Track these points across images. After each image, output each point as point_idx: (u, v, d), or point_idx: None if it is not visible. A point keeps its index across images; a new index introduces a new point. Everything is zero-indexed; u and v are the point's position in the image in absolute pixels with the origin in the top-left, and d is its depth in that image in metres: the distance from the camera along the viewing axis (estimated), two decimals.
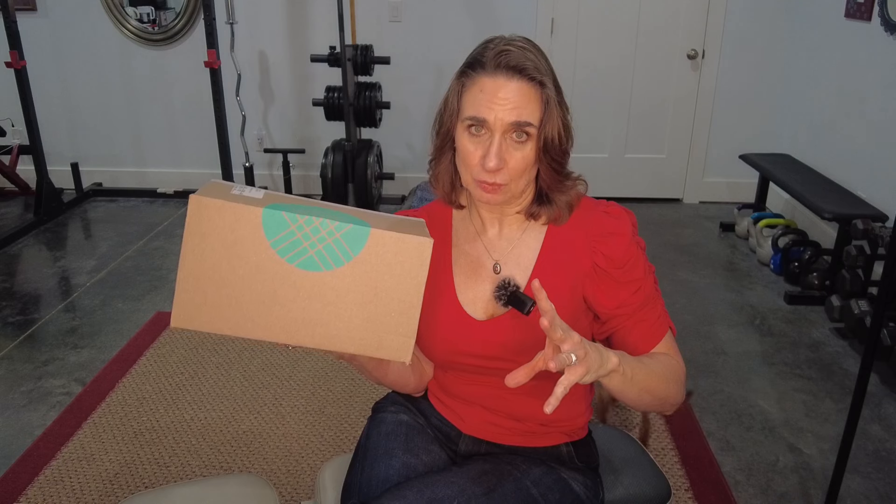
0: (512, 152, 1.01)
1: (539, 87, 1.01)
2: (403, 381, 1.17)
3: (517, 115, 0.99)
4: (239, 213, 0.87)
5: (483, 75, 1.01)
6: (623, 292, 1.07)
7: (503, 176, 1.02)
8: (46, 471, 2.04)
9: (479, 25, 4.10)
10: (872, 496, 1.96)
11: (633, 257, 1.07)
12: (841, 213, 2.98)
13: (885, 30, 3.10)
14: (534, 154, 1.03)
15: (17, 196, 4.57)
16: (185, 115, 4.46)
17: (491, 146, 1.00)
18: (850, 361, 2.65)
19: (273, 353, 2.66)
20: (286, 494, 1.96)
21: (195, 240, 0.87)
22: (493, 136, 1.00)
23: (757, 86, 4.17)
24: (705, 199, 4.45)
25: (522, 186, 1.06)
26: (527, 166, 1.03)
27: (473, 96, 1.01)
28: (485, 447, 1.18)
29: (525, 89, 1.00)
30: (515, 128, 1.00)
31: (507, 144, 1.01)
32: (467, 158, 1.04)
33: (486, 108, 1.00)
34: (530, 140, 1.02)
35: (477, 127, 1.02)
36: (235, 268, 0.88)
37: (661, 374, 1.03)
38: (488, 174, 1.01)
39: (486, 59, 1.01)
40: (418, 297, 0.91)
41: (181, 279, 0.88)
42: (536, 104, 1.01)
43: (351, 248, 0.89)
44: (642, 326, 1.08)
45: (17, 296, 3.19)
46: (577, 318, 1.09)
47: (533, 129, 1.01)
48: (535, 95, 1.01)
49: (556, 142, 1.03)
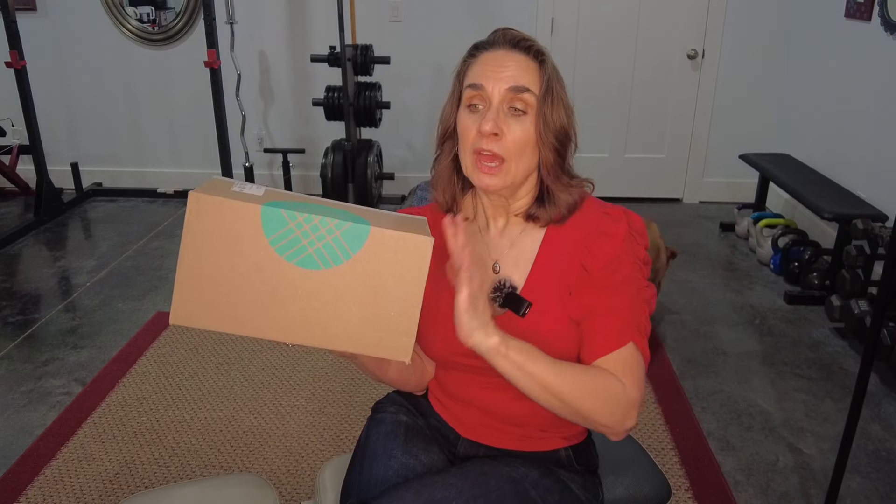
0: (510, 124, 1.02)
1: (539, 63, 1.04)
2: (404, 380, 1.17)
3: (515, 80, 1.01)
4: (238, 210, 0.86)
5: (485, 52, 1.06)
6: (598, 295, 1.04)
7: (501, 147, 1.02)
8: (46, 471, 2.04)
9: (479, 25, 4.10)
10: (872, 496, 1.96)
11: (617, 260, 1.04)
12: (841, 213, 2.98)
13: (885, 30, 3.10)
14: (533, 130, 1.03)
15: (17, 196, 4.57)
16: (185, 115, 4.46)
17: (488, 112, 1.02)
18: (850, 361, 2.65)
19: (273, 353, 2.66)
20: (286, 494, 1.96)
21: (194, 237, 0.87)
22: (490, 104, 1.02)
23: (757, 86, 4.17)
24: (705, 199, 4.45)
25: (522, 169, 1.05)
26: (526, 142, 1.03)
27: (473, 70, 1.06)
28: (483, 450, 1.17)
29: (524, 62, 1.04)
30: (513, 95, 1.02)
31: (506, 115, 1.03)
32: (465, 133, 1.04)
33: (485, 76, 1.03)
34: (529, 115, 1.03)
35: (476, 105, 1.04)
36: (234, 265, 0.88)
37: (576, 381, 0.96)
38: (485, 141, 1.01)
39: (489, 39, 1.07)
40: (418, 296, 0.90)
41: (180, 276, 0.87)
42: (535, 76, 1.03)
43: (350, 247, 0.88)
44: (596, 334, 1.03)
45: (17, 296, 3.19)
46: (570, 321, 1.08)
47: (531, 98, 1.02)
48: (534, 69, 1.04)
49: (556, 122, 1.04)
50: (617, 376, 1.00)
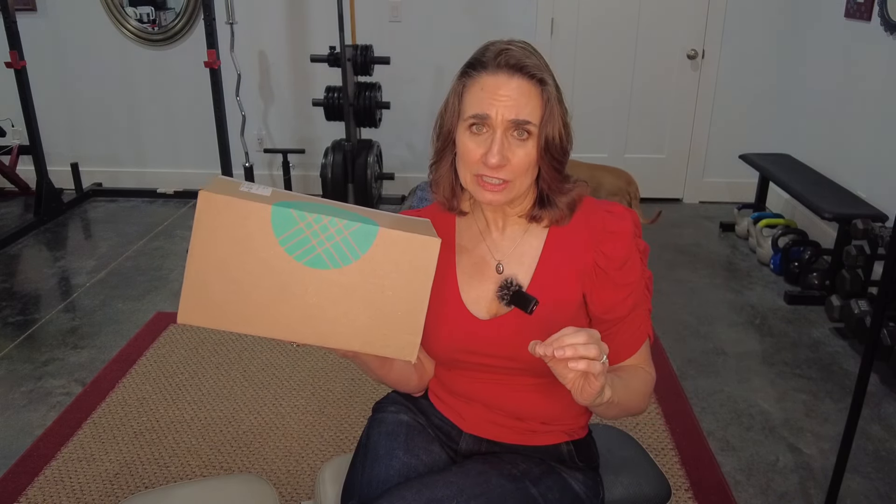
0: (514, 150, 1.02)
1: (539, 85, 1.02)
2: (405, 381, 1.18)
3: (517, 113, 1.00)
4: (248, 209, 0.87)
5: (484, 74, 1.02)
6: (616, 296, 1.08)
7: (506, 173, 1.02)
8: (46, 471, 2.04)
9: (479, 25, 4.10)
10: (872, 496, 1.96)
11: (631, 259, 1.08)
12: (841, 213, 2.98)
13: (885, 30, 3.10)
14: (535, 152, 1.03)
15: (17, 196, 4.57)
16: (185, 115, 4.46)
17: (493, 143, 1.01)
18: (850, 361, 2.65)
19: (273, 353, 2.66)
20: (286, 494, 1.96)
21: (204, 235, 0.87)
22: (494, 133, 1.01)
23: (757, 86, 4.17)
24: (705, 199, 4.46)
25: (526, 186, 1.06)
26: (529, 164, 1.03)
27: (475, 95, 1.02)
28: (485, 446, 1.18)
29: (526, 87, 1.01)
30: (516, 125, 1.01)
31: (509, 142, 1.02)
32: (467, 156, 1.04)
33: (488, 105, 1.00)
34: (531, 138, 1.02)
35: (478, 126, 1.02)
36: (243, 264, 0.88)
37: (636, 389, 1.07)
38: (491, 171, 1.02)
39: (487, 58, 1.02)
40: (425, 296, 0.91)
41: (189, 275, 0.88)
42: (537, 102, 1.02)
43: (359, 247, 0.89)
44: (624, 335, 1.10)
45: (17, 296, 3.19)
46: (577, 318, 1.09)
47: (534, 128, 1.02)
48: (535, 93, 1.02)
49: (556, 141, 1.04)
50: (644, 368, 1.12)
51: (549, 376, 1.12)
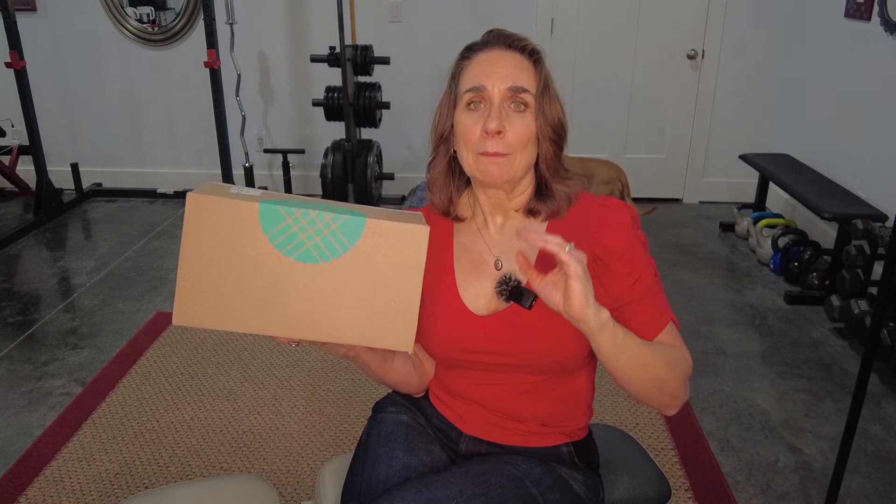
0: (512, 120, 1.03)
1: (534, 62, 1.06)
2: (406, 381, 1.17)
3: (514, 81, 1.03)
4: (236, 208, 0.87)
5: (479, 53, 1.07)
6: (621, 284, 1.06)
7: (505, 145, 1.03)
8: (46, 471, 2.04)
9: (479, 25, 4.04)
10: (872, 496, 1.96)
11: (631, 249, 1.07)
12: (841, 213, 2.98)
13: (885, 30, 3.10)
14: (534, 125, 1.05)
15: (17, 196, 4.57)
16: (185, 115, 4.46)
17: (491, 111, 1.03)
18: (850, 361, 2.65)
19: (273, 353, 2.66)
20: (286, 494, 1.96)
21: (194, 237, 0.88)
22: (492, 104, 1.03)
23: (757, 86, 4.17)
24: (705, 199, 4.46)
25: (525, 163, 1.06)
26: (529, 138, 1.05)
27: (470, 72, 1.06)
28: (485, 447, 1.17)
29: (519, 60, 1.06)
30: (513, 94, 1.03)
31: (507, 112, 1.04)
32: (467, 133, 1.05)
33: (484, 77, 1.04)
34: (529, 111, 1.04)
35: (476, 103, 1.05)
36: (234, 263, 0.88)
37: (660, 353, 1.01)
38: (490, 141, 1.02)
39: (482, 40, 1.09)
40: (417, 285, 0.91)
41: (181, 277, 0.88)
42: (531, 75, 1.05)
43: (347, 239, 0.89)
44: (640, 317, 1.06)
45: (17, 296, 3.19)
46: None
47: (530, 97, 1.04)
48: (530, 68, 1.06)
49: (555, 117, 1.06)
50: (677, 347, 1.06)
51: (548, 374, 1.12)
